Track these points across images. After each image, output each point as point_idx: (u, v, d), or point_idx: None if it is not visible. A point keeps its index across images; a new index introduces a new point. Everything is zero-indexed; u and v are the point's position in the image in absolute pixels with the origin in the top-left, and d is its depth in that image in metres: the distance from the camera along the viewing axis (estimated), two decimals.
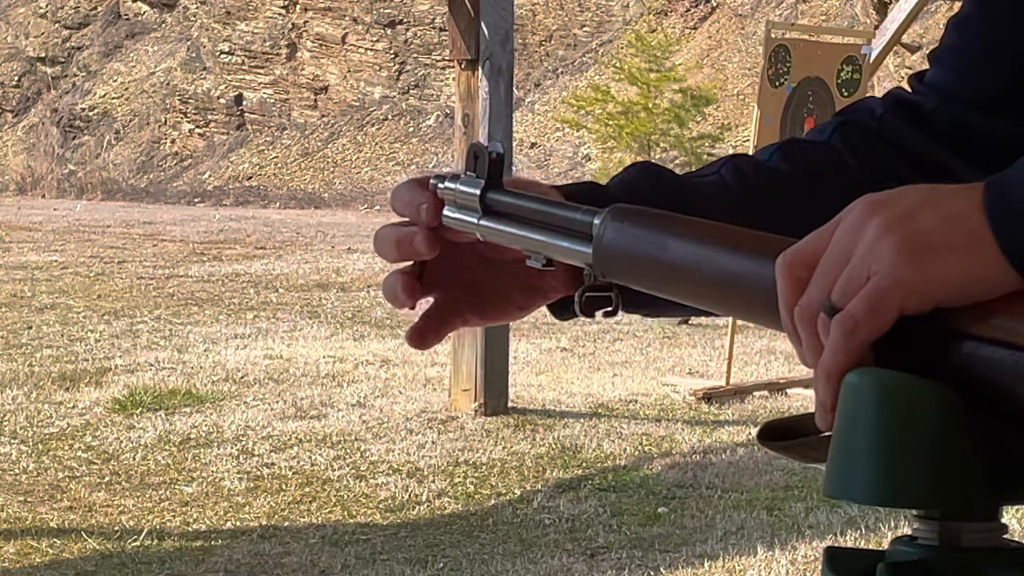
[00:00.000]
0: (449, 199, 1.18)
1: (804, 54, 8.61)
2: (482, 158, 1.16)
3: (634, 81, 23.08)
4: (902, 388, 0.84)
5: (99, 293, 13.07)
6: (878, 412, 0.83)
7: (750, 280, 0.96)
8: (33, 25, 34.00)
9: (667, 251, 1.01)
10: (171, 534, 5.58)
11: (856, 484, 0.84)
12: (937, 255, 0.81)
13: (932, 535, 0.88)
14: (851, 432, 0.84)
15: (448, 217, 1.19)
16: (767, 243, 0.99)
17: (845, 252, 0.84)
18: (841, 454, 0.85)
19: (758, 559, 5.22)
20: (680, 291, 1.03)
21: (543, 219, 1.14)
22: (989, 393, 0.84)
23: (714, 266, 0.99)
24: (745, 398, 8.32)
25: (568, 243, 1.10)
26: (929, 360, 0.85)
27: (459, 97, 7.82)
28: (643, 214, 1.05)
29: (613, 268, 1.06)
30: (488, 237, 1.18)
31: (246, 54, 30.71)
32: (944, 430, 0.83)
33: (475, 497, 6.13)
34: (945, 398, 0.83)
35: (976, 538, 0.87)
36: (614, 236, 1.05)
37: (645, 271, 1.04)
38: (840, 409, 0.85)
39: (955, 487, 0.83)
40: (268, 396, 8.24)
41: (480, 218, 1.16)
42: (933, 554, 0.87)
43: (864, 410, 0.84)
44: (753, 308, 0.97)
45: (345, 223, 22.71)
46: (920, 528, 0.88)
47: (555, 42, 28.31)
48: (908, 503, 0.85)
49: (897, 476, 0.83)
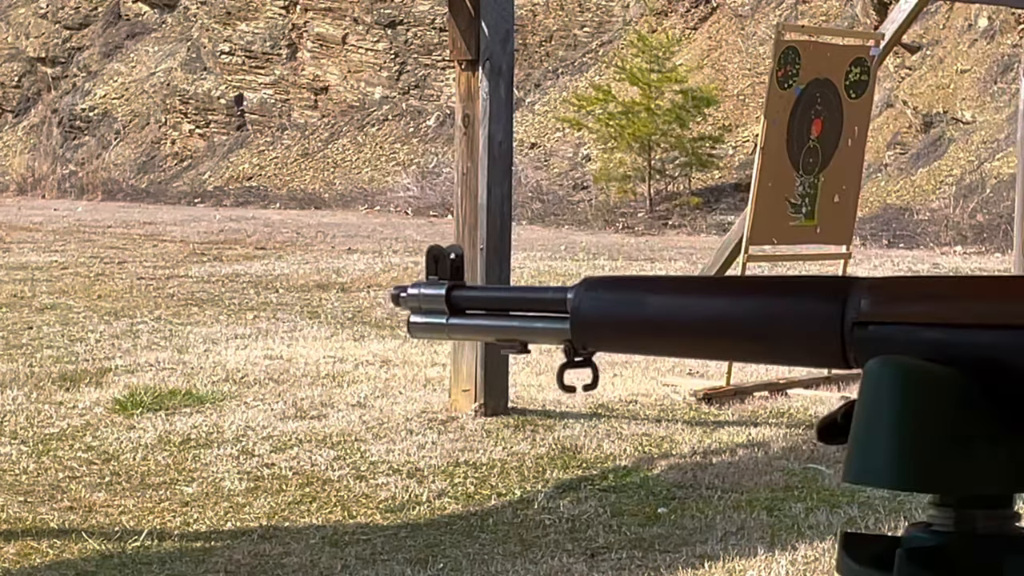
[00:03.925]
0: (413, 306, 1.21)
1: (813, 55, 8.58)
2: (442, 261, 1.19)
3: (635, 81, 23.08)
4: (922, 375, 0.85)
5: (99, 293, 13.07)
6: (898, 398, 0.85)
7: (736, 320, 1.00)
8: (33, 25, 34.00)
9: (647, 308, 1.05)
10: (171, 534, 5.58)
11: (876, 469, 0.85)
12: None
13: (948, 522, 0.89)
14: (872, 418, 0.86)
15: (415, 324, 1.22)
16: (743, 284, 1.04)
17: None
18: (862, 440, 0.86)
19: (758, 559, 5.22)
20: (663, 344, 1.08)
21: (515, 305, 1.17)
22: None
23: (697, 313, 1.03)
24: (745, 399, 8.32)
25: (544, 323, 1.13)
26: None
27: (459, 97, 7.82)
28: (615, 280, 1.09)
29: (593, 337, 1.09)
30: (457, 336, 1.21)
31: (246, 54, 30.70)
32: (962, 417, 0.84)
33: (475, 497, 6.13)
34: (964, 386, 0.84)
35: (991, 525, 0.88)
36: (591, 305, 1.08)
37: (626, 333, 1.08)
38: (861, 396, 0.87)
39: (972, 473, 0.84)
40: (268, 396, 8.24)
41: (448, 318, 1.19)
42: (949, 540, 0.88)
43: (884, 397, 0.85)
44: (741, 346, 1.02)
45: (345, 223, 22.71)
46: (936, 515, 0.90)
47: (555, 42, 28.30)
48: (926, 487, 0.86)
49: (916, 461, 0.84)
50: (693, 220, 22.41)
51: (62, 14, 33.86)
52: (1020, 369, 0.85)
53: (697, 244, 19.60)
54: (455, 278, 1.20)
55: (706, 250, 16.38)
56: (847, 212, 9.06)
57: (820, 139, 8.72)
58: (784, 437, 7.33)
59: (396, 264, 16.00)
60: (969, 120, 21.71)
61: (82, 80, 32.84)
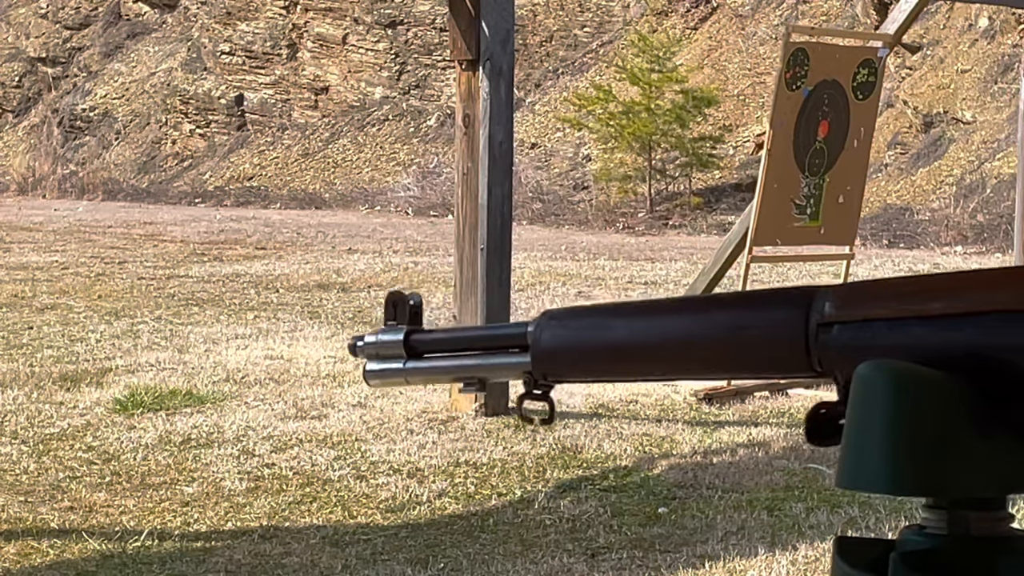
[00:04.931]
0: (370, 354, 1.23)
1: (822, 57, 8.57)
2: (401, 306, 1.21)
3: (636, 81, 23.08)
4: (912, 379, 0.85)
5: (100, 293, 13.07)
6: (889, 403, 0.85)
7: (702, 337, 1.01)
8: (34, 25, 34.00)
9: (608, 333, 1.06)
10: (172, 534, 5.58)
11: (868, 474, 0.85)
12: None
13: (941, 524, 0.89)
14: (863, 423, 0.86)
15: (371, 371, 1.24)
16: (705, 302, 1.05)
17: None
18: (854, 445, 0.86)
19: (758, 559, 5.22)
20: (627, 368, 1.09)
21: (474, 344, 1.18)
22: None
23: (661, 334, 1.04)
24: (745, 399, 8.32)
25: (503, 358, 1.14)
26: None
27: (460, 97, 7.82)
28: (576, 310, 1.11)
29: (554, 367, 1.11)
30: (415, 379, 1.22)
31: (247, 54, 30.70)
32: (953, 420, 0.84)
33: (476, 497, 6.13)
34: (954, 388, 0.84)
35: (984, 527, 0.88)
36: (553, 335, 1.10)
37: (589, 360, 1.09)
38: (852, 401, 0.87)
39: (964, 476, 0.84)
40: (269, 396, 8.24)
41: (406, 362, 1.20)
42: (942, 543, 0.88)
43: (875, 401, 0.85)
44: (708, 362, 1.03)
45: (346, 223, 22.71)
46: (929, 517, 0.90)
47: (556, 42, 28.30)
48: (919, 492, 0.86)
49: (908, 465, 0.84)
50: (693, 220, 22.41)
51: (62, 14, 33.87)
52: (992, 358, 0.85)
53: (697, 244, 19.60)
54: (413, 323, 1.22)
55: (706, 250, 16.38)
56: (851, 213, 9.06)
57: (826, 140, 8.72)
58: (784, 437, 7.33)
59: (396, 264, 16.00)
60: (969, 120, 21.71)
61: (82, 80, 32.85)
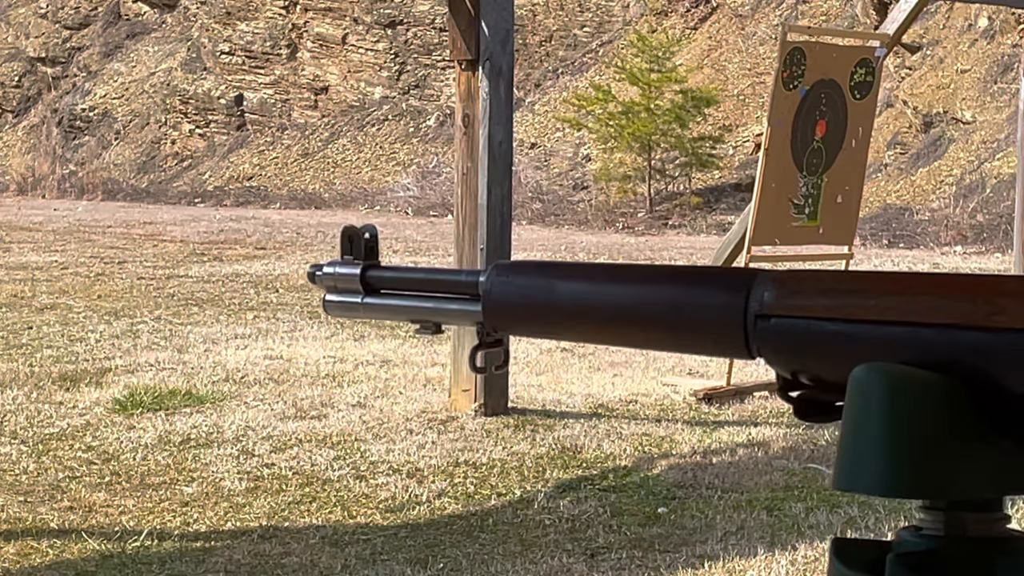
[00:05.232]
0: (329, 285, 1.23)
1: (819, 57, 8.57)
2: (357, 241, 1.22)
3: (635, 81, 23.09)
4: (908, 381, 0.85)
5: (99, 293, 13.07)
6: (885, 405, 0.85)
7: (642, 308, 1.01)
8: (33, 25, 34.00)
9: (555, 294, 1.06)
10: (171, 534, 5.58)
11: (864, 476, 0.85)
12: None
13: (938, 525, 0.89)
14: (859, 425, 0.85)
15: (330, 302, 1.23)
16: (650, 272, 1.04)
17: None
18: (850, 447, 0.86)
19: (758, 559, 5.22)
20: (572, 331, 1.09)
21: (428, 287, 1.18)
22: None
23: (604, 300, 1.03)
24: (745, 399, 8.32)
25: (457, 305, 1.14)
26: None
27: (459, 97, 7.82)
28: (526, 265, 1.10)
29: (504, 321, 1.11)
30: (371, 315, 1.22)
31: (246, 54, 30.70)
32: (949, 421, 0.84)
33: (475, 497, 6.13)
34: (950, 390, 0.84)
35: (981, 528, 0.88)
36: (502, 289, 1.09)
37: (536, 318, 1.09)
38: (848, 403, 0.86)
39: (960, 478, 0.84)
40: (268, 396, 8.24)
41: (363, 297, 1.20)
42: (939, 544, 0.88)
43: (871, 403, 0.85)
44: (648, 334, 1.02)
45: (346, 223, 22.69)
46: (926, 519, 0.89)
47: (555, 42, 28.30)
48: (915, 494, 0.86)
49: (904, 467, 0.84)
50: (693, 220, 22.42)
51: (62, 14, 33.87)
52: (928, 365, 0.86)
53: (697, 244, 19.60)
54: (369, 258, 1.22)
55: (706, 250, 16.38)
56: (849, 213, 9.06)
57: (824, 140, 8.72)
58: (784, 437, 7.33)
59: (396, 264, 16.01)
60: (969, 120, 21.71)
61: (82, 80, 32.85)
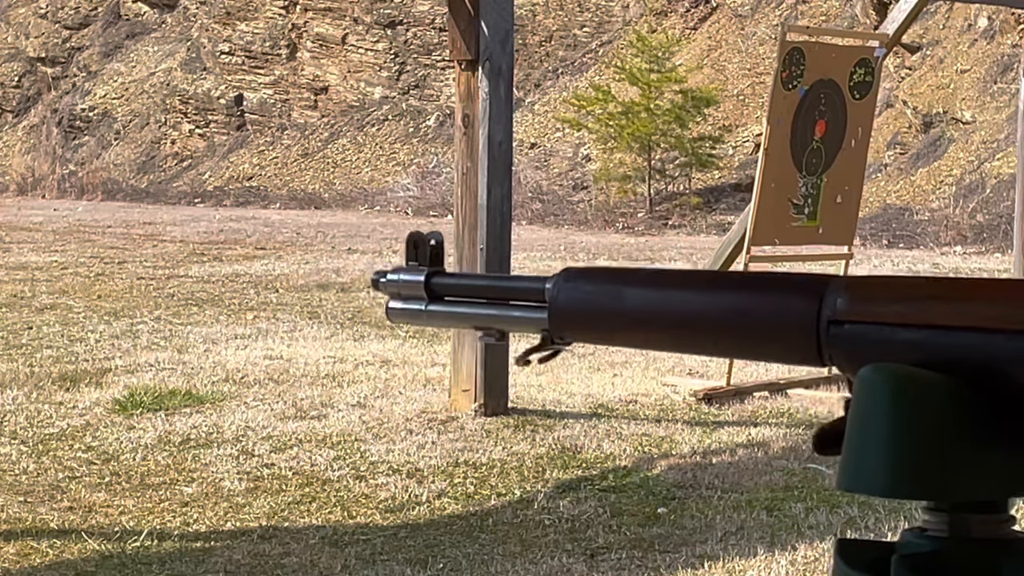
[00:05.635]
0: (392, 291, 1.23)
1: (818, 56, 8.57)
2: (422, 247, 1.21)
3: (635, 81, 23.09)
4: (914, 382, 0.85)
5: (99, 293, 13.07)
6: (891, 405, 0.85)
7: (711, 315, 1.01)
8: (33, 25, 34.00)
9: (624, 300, 1.06)
10: (171, 534, 5.58)
11: (869, 476, 0.85)
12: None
13: (942, 526, 0.89)
14: (865, 425, 0.85)
15: (393, 309, 1.23)
16: (719, 279, 1.04)
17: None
18: (855, 447, 0.86)
19: (758, 559, 5.22)
20: (638, 337, 1.08)
21: (493, 294, 1.17)
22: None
23: (672, 307, 1.03)
24: (745, 399, 8.32)
25: (522, 312, 1.14)
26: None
27: (459, 97, 7.82)
28: (594, 271, 1.09)
29: (570, 328, 1.10)
30: (435, 322, 1.22)
31: (246, 54, 30.70)
32: (954, 423, 0.84)
33: (475, 497, 6.13)
34: (955, 391, 0.84)
35: (986, 529, 0.88)
36: (569, 296, 1.09)
37: (603, 325, 1.08)
38: (854, 403, 0.86)
39: (966, 480, 0.84)
40: (268, 396, 8.23)
41: (427, 304, 1.20)
42: (944, 545, 0.88)
43: (877, 403, 0.85)
44: (716, 340, 1.02)
45: (345, 223, 22.71)
46: (930, 520, 0.89)
47: (555, 42, 28.30)
48: (920, 495, 0.86)
49: (909, 468, 0.84)
50: (693, 220, 22.42)
51: (62, 14, 33.87)
52: (998, 372, 0.85)
53: (697, 244, 19.61)
54: (434, 264, 1.21)
55: (706, 250, 16.39)
56: (849, 213, 9.06)
57: (824, 140, 8.72)
58: (784, 437, 7.33)
59: (397, 264, 16.00)
60: (969, 120, 21.71)
61: (82, 80, 32.85)
